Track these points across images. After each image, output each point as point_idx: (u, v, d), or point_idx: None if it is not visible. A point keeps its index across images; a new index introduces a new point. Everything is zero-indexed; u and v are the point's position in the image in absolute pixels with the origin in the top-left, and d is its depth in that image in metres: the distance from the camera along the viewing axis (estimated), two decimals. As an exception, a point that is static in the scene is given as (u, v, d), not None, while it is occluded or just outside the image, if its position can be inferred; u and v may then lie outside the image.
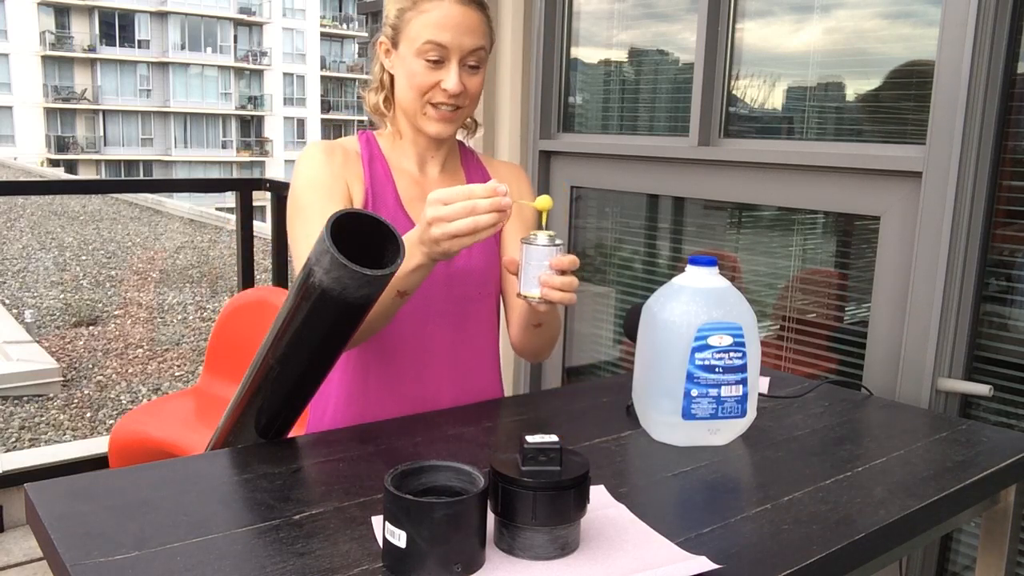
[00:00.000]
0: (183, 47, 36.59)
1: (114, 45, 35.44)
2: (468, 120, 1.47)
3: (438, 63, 1.30)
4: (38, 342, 9.38)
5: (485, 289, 1.44)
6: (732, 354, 1.24)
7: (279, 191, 3.21)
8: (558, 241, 1.15)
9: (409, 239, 1.13)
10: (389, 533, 0.86)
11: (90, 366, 9.04)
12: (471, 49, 1.31)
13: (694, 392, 1.24)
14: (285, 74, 39.49)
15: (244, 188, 3.26)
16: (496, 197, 1.07)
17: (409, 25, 1.30)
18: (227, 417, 1.26)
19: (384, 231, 1.04)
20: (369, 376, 1.38)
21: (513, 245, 1.44)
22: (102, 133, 35.64)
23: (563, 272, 1.15)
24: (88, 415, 7.72)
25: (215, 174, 34.22)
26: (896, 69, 1.87)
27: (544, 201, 1.17)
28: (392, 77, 1.39)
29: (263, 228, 5.92)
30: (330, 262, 0.98)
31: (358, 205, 1.35)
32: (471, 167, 1.50)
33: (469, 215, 1.07)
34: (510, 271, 1.22)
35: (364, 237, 1.04)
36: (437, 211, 1.08)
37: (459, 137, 1.51)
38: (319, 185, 1.33)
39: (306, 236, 1.28)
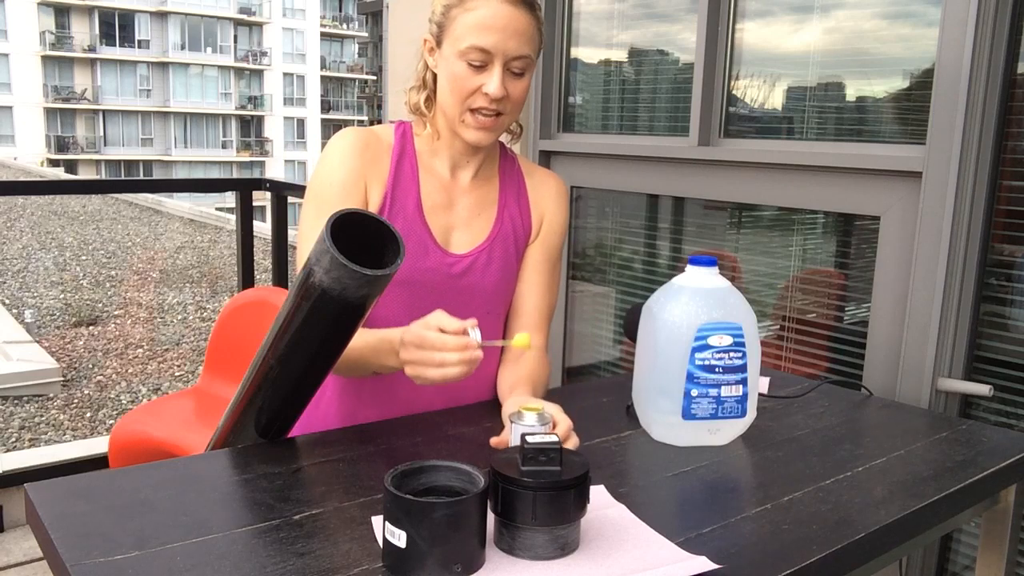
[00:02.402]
0: (183, 47, 36.58)
1: (114, 45, 35.42)
2: (514, 126, 1.42)
3: (481, 67, 1.25)
4: (38, 342, 9.38)
5: (493, 308, 1.41)
6: (732, 354, 1.24)
7: (279, 191, 3.21)
8: (546, 418, 1.13)
9: (391, 341, 1.17)
10: (389, 533, 0.86)
11: (90, 366, 9.04)
12: (517, 55, 1.26)
13: (694, 392, 1.24)
14: (285, 74, 39.48)
15: (244, 188, 3.25)
16: (467, 352, 1.09)
17: (454, 24, 1.26)
18: (227, 417, 1.26)
19: (385, 231, 1.04)
20: (364, 381, 1.37)
21: (530, 272, 1.43)
22: (102, 133, 35.63)
23: None
24: (88, 415, 7.72)
25: (215, 174, 34.18)
26: (896, 69, 1.87)
27: (522, 339, 1.16)
28: (435, 76, 1.34)
29: (263, 228, 5.92)
30: (330, 262, 0.98)
31: (374, 208, 1.32)
32: (508, 177, 1.44)
33: (438, 367, 1.10)
34: (498, 450, 1.16)
35: (365, 236, 1.04)
36: (410, 354, 1.12)
37: (503, 140, 1.45)
38: (339, 182, 1.30)
39: (313, 230, 1.27)
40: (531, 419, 1.12)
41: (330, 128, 40.40)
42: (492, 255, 1.39)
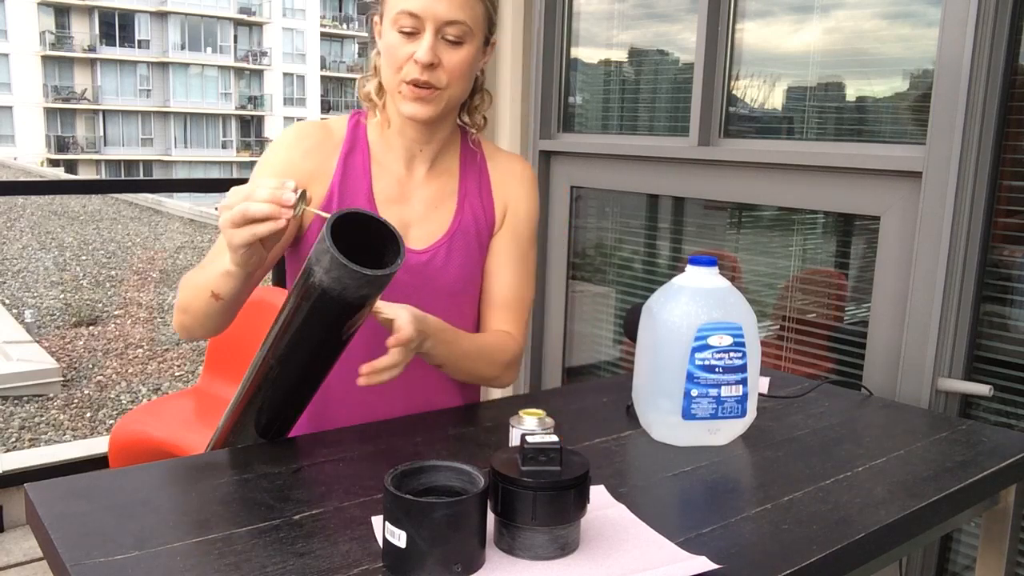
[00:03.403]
0: (183, 47, 36.59)
1: (114, 45, 35.43)
2: (478, 118, 1.38)
3: (413, 33, 1.21)
4: (38, 342, 9.39)
5: (458, 303, 1.36)
6: (732, 354, 1.24)
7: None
8: (547, 422, 1.12)
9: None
10: (389, 533, 0.86)
11: (90, 366, 9.04)
12: (448, 19, 1.21)
13: (694, 392, 1.24)
14: (285, 74, 39.49)
15: (244, 188, 3.24)
16: (280, 191, 1.01)
17: None
18: (227, 417, 1.26)
19: (385, 231, 1.04)
20: (330, 381, 1.31)
21: (498, 262, 1.39)
22: (102, 133, 35.64)
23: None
24: (88, 415, 7.72)
25: (215, 174, 34.13)
26: (896, 69, 1.87)
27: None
28: None
29: (263, 228, 5.91)
30: (330, 261, 0.98)
31: (317, 203, 1.28)
32: (468, 167, 1.39)
33: (244, 200, 1.01)
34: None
35: (367, 236, 1.04)
36: (224, 200, 1.04)
37: (479, 135, 1.41)
38: (271, 174, 1.27)
39: None
40: (531, 422, 1.12)
41: (330, 128, 40.31)
42: (452, 249, 1.34)
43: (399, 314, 1.13)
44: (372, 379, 1.11)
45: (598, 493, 1.07)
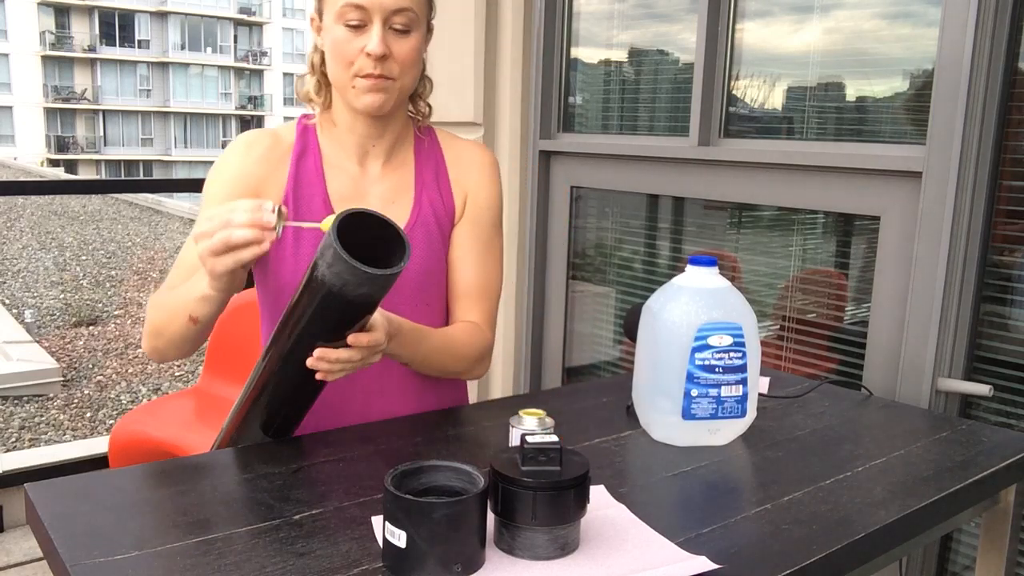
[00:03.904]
0: (183, 47, 36.60)
1: (114, 45, 35.44)
2: (422, 105, 1.35)
3: (360, 26, 1.19)
4: (38, 342, 9.39)
5: (423, 298, 1.33)
6: (732, 354, 1.24)
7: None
8: (547, 422, 1.12)
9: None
10: (389, 533, 0.86)
11: (90, 366, 9.05)
12: (395, 8, 1.19)
13: (694, 392, 1.24)
14: (285, 74, 39.47)
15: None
16: (258, 213, 1.00)
17: None
18: (233, 414, 1.25)
19: (395, 236, 1.04)
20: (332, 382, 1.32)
21: (461, 252, 1.36)
22: (102, 133, 35.65)
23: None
24: (88, 415, 7.73)
25: (215, 174, 34.09)
26: (896, 69, 1.87)
27: (326, 222, 1.04)
28: (323, 57, 1.27)
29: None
30: (332, 256, 0.97)
31: None
32: (424, 158, 1.37)
33: (224, 227, 1.00)
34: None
35: (376, 240, 1.03)
36: (200, 226, 1.03)
37: (432, 123, 1.39)
38: (224, 181, 1.27)
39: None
40: (531, 422, 1.12)
41: (330, 128, 40.32)
42: (412, 241, 1.31)
43: (374, 316, 1.11)
44: (320, 365, 1.07)
45: (598, 493, 1.07)
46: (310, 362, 1.08)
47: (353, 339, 1.07)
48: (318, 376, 1.09)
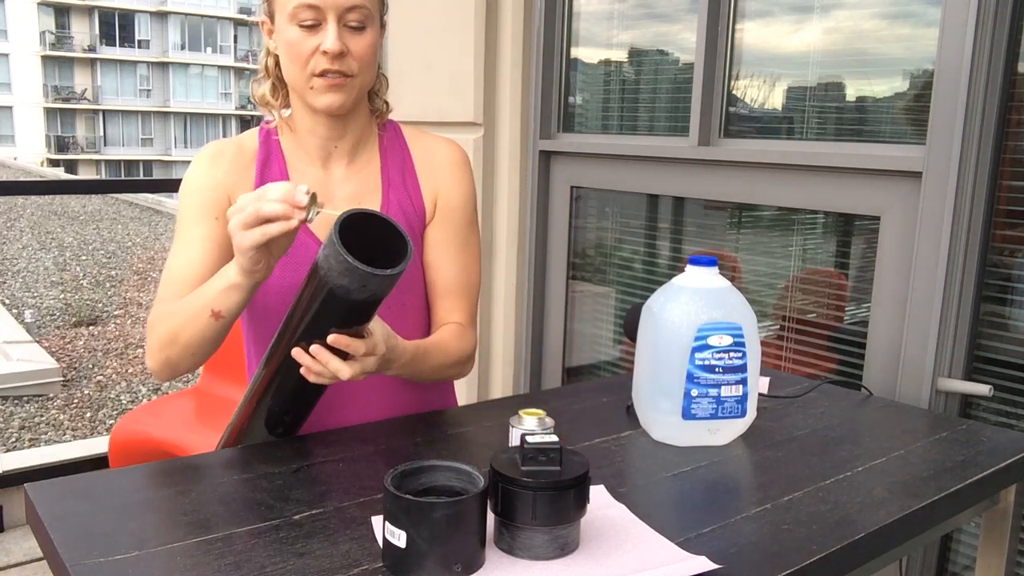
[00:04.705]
0: (183, 47, 36.61)
1: (114, 45, 35.45)
2: (379, 102, 1.34)
3: (315, 26, 1.18)
4: (38, 342, 9.39)
5: (402, 300, 1.31)
6: (732, 354, 1.24)
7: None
8: (547, 422, 1.12)
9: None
10: (389, 533, 0.86)
11: (90, 366, 9.05)
12: (349, 5, 1.18)
13: (694, 392, 1.24)
14: (285, 74, 39.44)
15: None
16: (291, 191, 1.01)
17: None
18: (238, 413, 1.25)
19: (400, 240, 1.03)
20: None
21: (439, 252, 1.35)
22: (102, 133, 35.66)
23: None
24: (88, 415, 7.73)
25: (215, 174, 34.09)
26: (896, 69, 1.87)
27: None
28: (277, 60, 1.26)
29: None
30: (334, 256, 0.98)
31: None
32: (389, 156, 1.35)
33: (256, 200, 1.01)
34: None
35: (381, 242, 1.03)
36: (233, 207, 1.04)
37: (395, 119, 1.37)
38: (195, 199, 1.27)
39: (179, 250, 1.26)
40: (531, 422, 1.12)
41: (330, 128, 40.31)
42: None
43: (375, 329, 1.10)
44: (315, 367, 1.07)
45: (598, 493, 1.07)
46: (294, 353, 1.07)
47: (363, 348, 1.07)
48: (302, 371, 1.08)
